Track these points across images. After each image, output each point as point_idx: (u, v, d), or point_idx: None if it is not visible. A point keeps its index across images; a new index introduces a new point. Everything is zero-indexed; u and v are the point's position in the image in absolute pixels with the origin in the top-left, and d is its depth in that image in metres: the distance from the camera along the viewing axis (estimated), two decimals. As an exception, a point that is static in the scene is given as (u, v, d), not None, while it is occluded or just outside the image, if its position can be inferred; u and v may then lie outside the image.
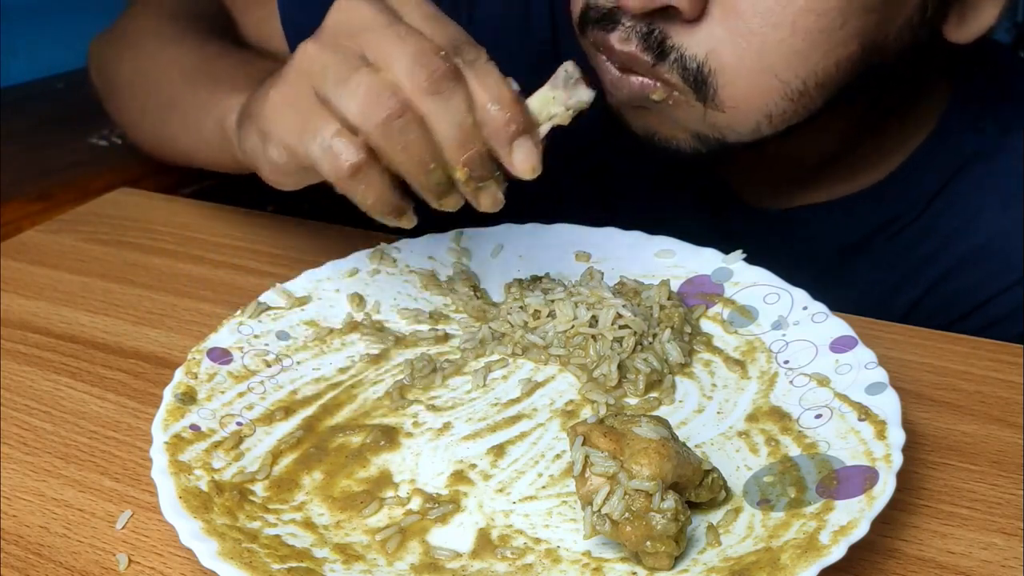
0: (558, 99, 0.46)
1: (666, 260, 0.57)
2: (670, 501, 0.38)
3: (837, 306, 0.51)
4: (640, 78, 0.53)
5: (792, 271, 0.54)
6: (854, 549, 0.37)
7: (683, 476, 0.39)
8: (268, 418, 0.47)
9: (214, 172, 0.69)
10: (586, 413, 0.48)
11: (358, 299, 0.55)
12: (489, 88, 0.43)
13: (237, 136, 0.51)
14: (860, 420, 0.43)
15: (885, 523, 0.41)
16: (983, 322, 0.61)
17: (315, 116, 0.44)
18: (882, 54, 0.52)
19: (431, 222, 0.52)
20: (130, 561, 0.41)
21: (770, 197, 0.65)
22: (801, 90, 0.51)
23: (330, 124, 0.43)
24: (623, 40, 0.51)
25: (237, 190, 0.78)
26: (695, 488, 0.40)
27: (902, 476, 0.40)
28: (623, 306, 0.50)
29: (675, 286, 0.55)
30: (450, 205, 0.45)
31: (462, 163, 0.43)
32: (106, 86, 0.78)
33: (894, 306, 0.63)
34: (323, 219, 0.70)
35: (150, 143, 0.75)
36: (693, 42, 0.50)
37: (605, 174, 0.71)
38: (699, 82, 0.50)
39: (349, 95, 0.43)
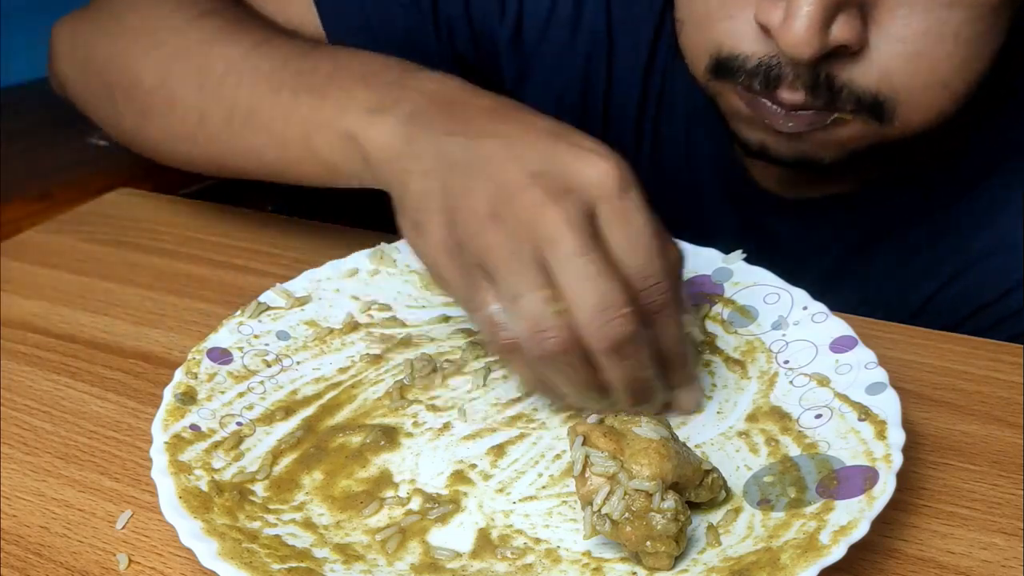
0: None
1: None
2: (670, 501, 0.38)
3: (853, 297, 0.50)
4: (811, 114, 0.51)
5: (809, 260, 0.53)
6: (854, 549, 0.37)
7: (683, 476, 0.39)
8: (268, 418, 0.47)
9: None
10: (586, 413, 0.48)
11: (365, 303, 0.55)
12: (668, 345, 0.44)
13: (386, 174, 0.49)
14: (860, 420, 0.43)
15: (885, 523, 0.41)
16: (995, 319, 0.60)
17: (483, 289, 0.43)
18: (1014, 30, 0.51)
19: None
20: (130, 561, 0.41)
21: (791, 186, 0.64)
22: (966, 92, 0.51)
23: (492, 305, 0.43)
24: (790, 90, 0.50)
25: (237, 190, 0.78)
26: (695, 488, 0.40)
27: (902, 476, 0.40)
28: None
29: None
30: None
31: (634, 403, 0.44)
32: (101, 88, 0.67)
33: (909, 300, 0.62)
34: (323, 219, 0.70)
35: (203, 156, 0.62)
36: (861, 74, 0.49)
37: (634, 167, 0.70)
38: (875, 108, 0.50)
39: (518, 315, 0.42)
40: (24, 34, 1.14)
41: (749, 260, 0.55)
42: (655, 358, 0.44)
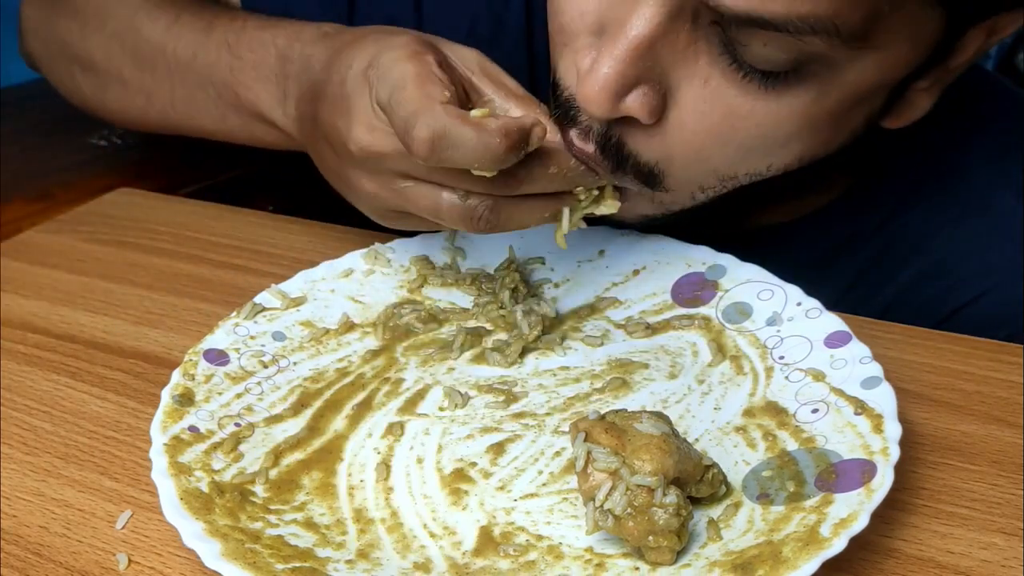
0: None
1: (660, 257, 0.57)
2: (672, 496, 0.38)
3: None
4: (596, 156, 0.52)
5: None
6: (854, 549, 0.37)
7: (684, 471, 0.40)
8: (267, 419, 0.47)
9: (214, 172, 0.69)
10: (581, 409, 0.48)
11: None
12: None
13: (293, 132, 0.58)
14: (856, 414, 0.44)
15: (885, 523, 0.41)
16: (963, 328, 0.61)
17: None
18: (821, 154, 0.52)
19: None
20: (130, 561, 0.41)
21: (729, 223, 0.65)
22: (734, 178, 0.51)
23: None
24: (582, 139, 0.50)
25: (237, 190, 0.78)
26: (696, 483, 0.40)
27: (902, 476, 0.40)
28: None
29: (669, 283, 0.56)
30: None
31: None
32: (62, 62, 0.74)
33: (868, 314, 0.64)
34: (323, 219, 0.70)
35: (157, 125, 0.71)
36: (648, 148, 0.49)
37: None
38: (650, 178, 0.51)
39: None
40: (24, 34, 1.13)
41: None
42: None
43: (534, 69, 0.67)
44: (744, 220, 0.64)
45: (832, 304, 0.51)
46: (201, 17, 0.65)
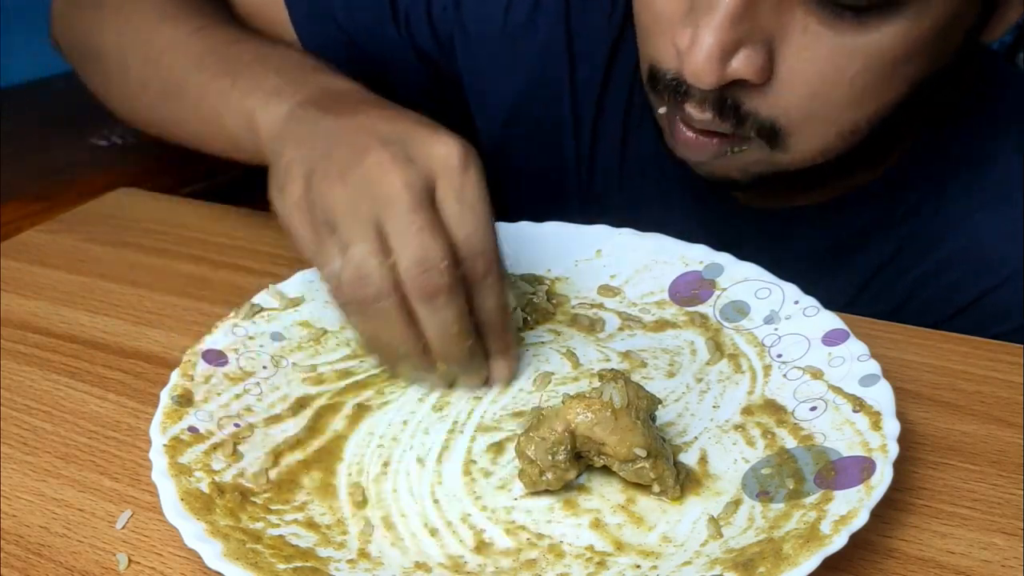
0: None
1: (657, 256, 0.57)
2: (562, 455, 0.41)
3: (827, 307, 0.52)
4: (718, 139, 0.55)
5: (781, 270, 0.55)
6: (854, 549, 0.37)
7: (608, 442, 0.41)
8: (266, 419, 0.47)
9: (214, 172, 0.69)
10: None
11: None
12: (486, 312, 0.48)
13: (268, 149, 0.54)
14: (855, 412, 0.44)
15: (885, 523, 0.41)
16: (967, 324, 0.61)
17: (328, 245, 0.47)
18: (929, 77, 0.54)
19: None
20: (130, 561, 0.41)
21: (762, 198, 0.65)
22: (854, 130, 0.54)
23: (336, 260, 0.47)
24: (699, 109, 0.53)
25: (237, 190, 0.78)
26: (620, 462, 0.42)
27: (902, 476, 0.40)
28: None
29: (667, 282, 0.56)
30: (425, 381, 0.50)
31: (442, 359, 0.48)
32: (80, 51, 0.76)
33: (882, 308, 0.64)
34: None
35: (145, 119, 0.72)
36: (765, 105, 0.52)
37: (595, 172, 0.71)
38: (772, 135, 0.53)
39: (346, 263, 0.46)
40: (24, 34, 1.14)
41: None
42: (476, 325, 0.48)
43: (572, 44, 0.69)
44: (777, 198, 0.66)
45: (859, 287, 0.52)
46: (228, 32, 0.65)
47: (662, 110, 0.56)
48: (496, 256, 0.48)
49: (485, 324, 0.48)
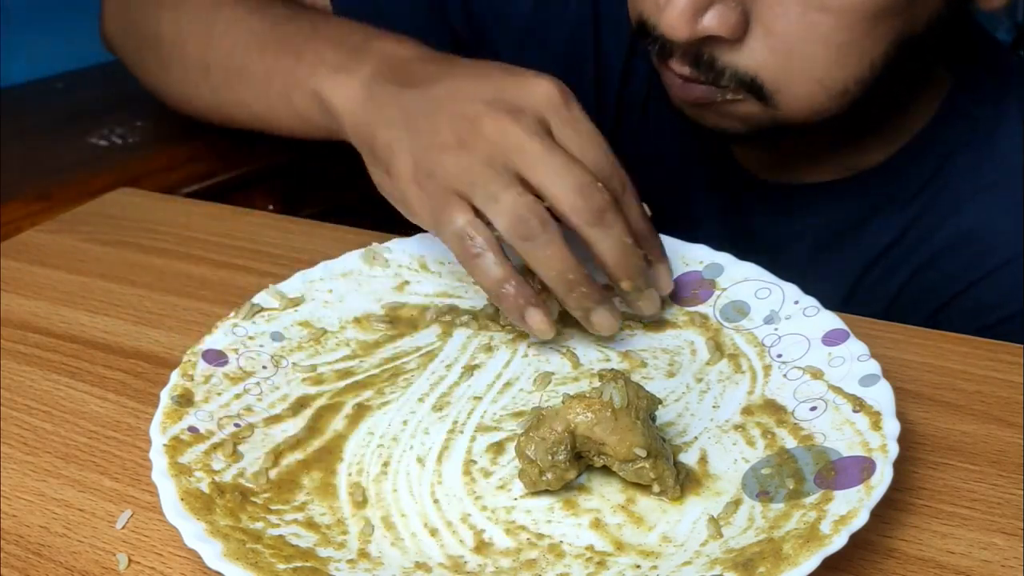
0: None
1: None
2: (562, 455, 0.41)
3: (832, 286, 0.53)
4: (703, 87, 0.56)
5: (792, 246, 0.55)
6: (854, 549, 0.37)
7: (609, 442, 0.41)
8: (266, 419, 0.47)
9: (214, 172, 0.69)
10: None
11: None
12: (636, 223, 0.50)
13: (352, 134, 0.56)
14: (855, 412, 0.44)
15: (885, 523, 0.41)
16: (969, 305, 0.61)
17: (452, 205, 0.48)
18: (912, 39, 0.55)
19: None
20: (130, 561, 0.41)
21: (776, 171, 0.66)
22: (842, 90, 0.55)
23: (465, 213, 0.48)
24: (678, 63, 0.55)
25: (237, 190, 0.78)
26: (620, 462, 0.42)
27: (902, 476, 0.40)
28: None
29: None
30: (603, 326, 0.50)
31: (626, 276, 0.49)
32: (135, 41, 0.76)
33: (886, 288, 0.64)
34: (324, 219, 0.70)
35: (206, 105, 0.73)
36: (741, 60, 0.54)
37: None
38: (756, 90, 0.55)
39: (499, 212, 0.47)
40: (24, 34, 1.14)
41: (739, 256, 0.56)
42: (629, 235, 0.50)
43: (598, 19, 0.71)
44: (791, 172, 0.67)
45: (865, 267, 0.53)
46: (283, 10, 0.66)
47: (655, 59, 0.58)
48: (624, 172, 0.50)
49: (638, 234, 0.50)
